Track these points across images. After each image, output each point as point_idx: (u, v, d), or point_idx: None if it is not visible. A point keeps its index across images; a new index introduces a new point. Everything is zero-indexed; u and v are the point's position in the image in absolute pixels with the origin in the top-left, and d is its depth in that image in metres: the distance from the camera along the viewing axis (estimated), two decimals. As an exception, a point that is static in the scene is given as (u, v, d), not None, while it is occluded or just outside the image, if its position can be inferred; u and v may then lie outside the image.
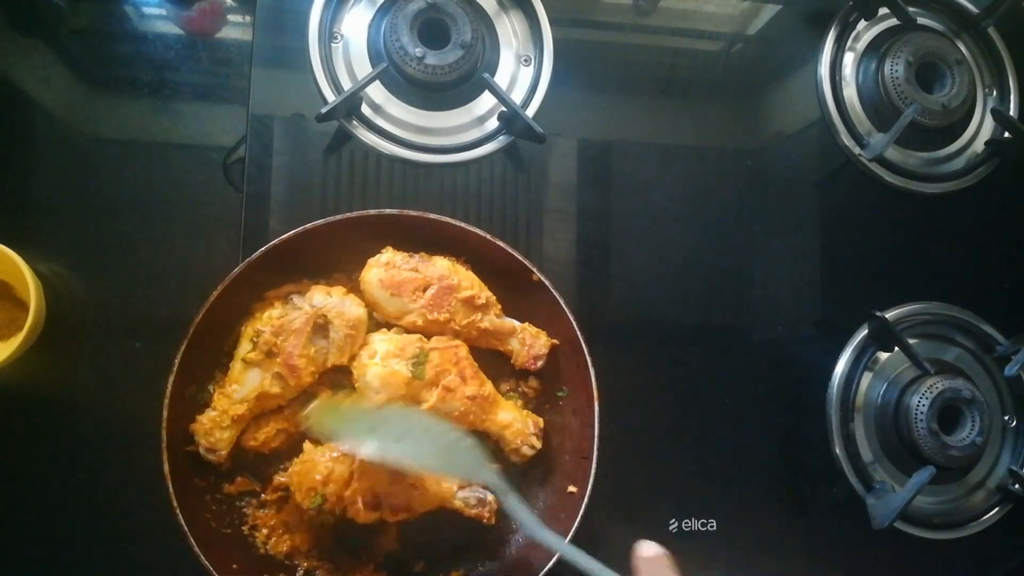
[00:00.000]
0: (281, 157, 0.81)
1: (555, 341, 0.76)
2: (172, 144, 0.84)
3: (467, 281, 0.74)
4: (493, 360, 0.78)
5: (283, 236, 0.70)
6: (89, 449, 0.78)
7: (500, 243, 0.74)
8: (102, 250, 0.81)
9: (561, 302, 0.74)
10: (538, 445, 0.74)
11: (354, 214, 0.73)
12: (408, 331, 0.73)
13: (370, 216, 0.73)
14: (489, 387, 0.73)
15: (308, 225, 0.71)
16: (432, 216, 0.73)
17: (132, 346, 0.80)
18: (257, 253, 0.70)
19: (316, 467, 0.67)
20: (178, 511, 0.65)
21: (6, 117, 0.82)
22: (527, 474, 0.77)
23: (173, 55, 0.86)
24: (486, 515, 0.71)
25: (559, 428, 0.77)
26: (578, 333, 0.73)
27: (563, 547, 0.59)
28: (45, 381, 0.79)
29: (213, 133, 0.85)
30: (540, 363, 0.76)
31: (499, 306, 0.76)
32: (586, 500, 0.69)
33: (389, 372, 0.69)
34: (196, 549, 0.64)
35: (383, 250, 0.74)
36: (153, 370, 0.79)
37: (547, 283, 0.74)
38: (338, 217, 0.72)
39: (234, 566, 0.68)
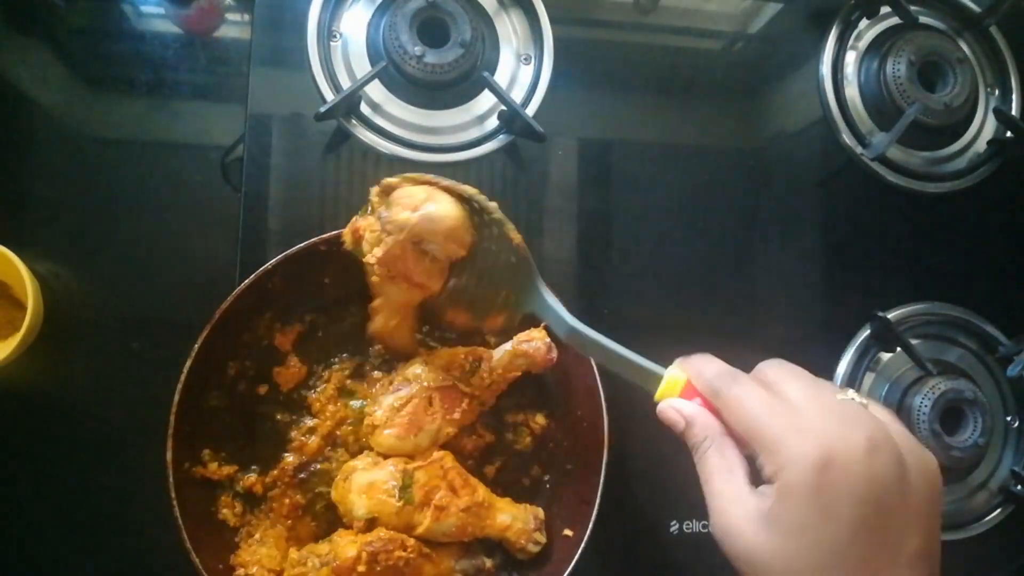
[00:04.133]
0: (279, 156, 0.81)
1: (544, 324, 0.72)
2: (170, 143, 0.84)
3: (445, 361, 0.72)
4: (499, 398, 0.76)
5: (303, 244, 0.70)
6: (86, 449, 0.78)
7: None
8: (99, 250, 0.81)
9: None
10: (542, 540, 0.71)
11: None
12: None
13: None
14: (482, 491, 0.69)
15: (333, 233, 0.70)
16: None
17: (130, 346, 0.80)
18: (286, 254, 0.69)
19: None
20: (175, 504, 0.64)
21: (3, 116, 0.82)
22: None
23: (171, 54, 0.85)
24: None
25: (561, 470, 0.76)
26: (598, 379, 0.70)
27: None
28: (42, 382, 0.78)
29: (211, 132, 0.84)
30: (554, 353, 0.72)
31: (485, 348, 0.74)
32: (582, 546, 0.67)
33: (376, 503, 0.66)
34: (188, 545, 0.64)
35: (369, 410, 0.71)
36: (151, 370, 0.79)
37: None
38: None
39: (220, 567, 0.67)
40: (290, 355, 0.74)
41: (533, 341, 0.72)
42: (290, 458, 0.72)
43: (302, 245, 0.69)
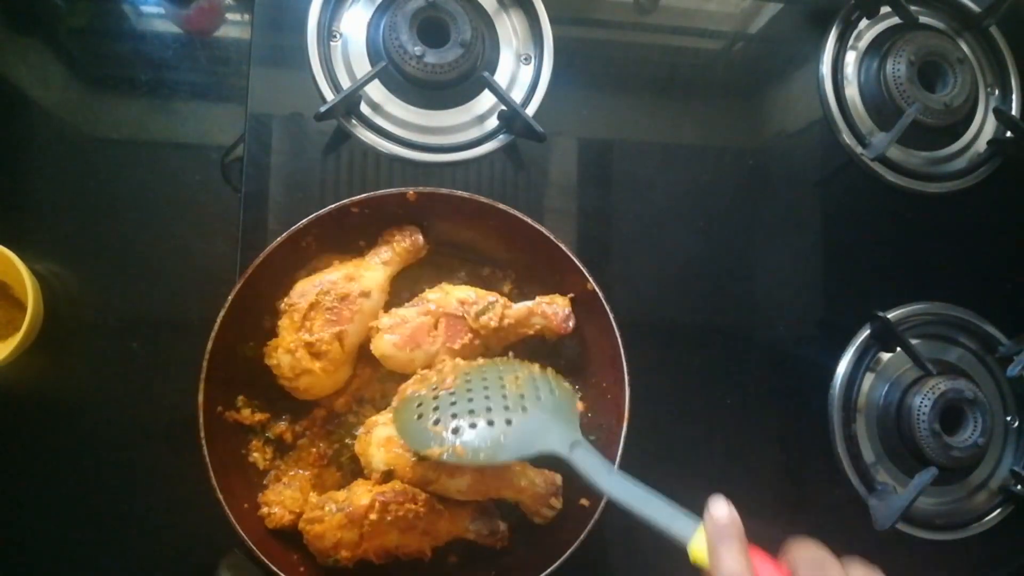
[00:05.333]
0: (279, 156, 0.81)
1: (571, 295, 0.75)
2: (170, 143, 0.84)
3: (464, 295, 0.73)
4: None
5: (334, 205, 0.71)
6: (87, 449, 0.78)
7: (562, 246, 0.73)
8: (100, 250, 0.81)
9: (611, 316, 0.72)
10: (558, 506, 0.72)
11: (401, 190, 0.73)
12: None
13: (423, 193, 0.73)
14: None
15: (364, 196, 0.72)
16: (501, 206, 0.73)
17: (130, 346, 0.80)
18: (317, 214, 0.71)
19: (325, 536, 0.67)
20: (204, 443, 0.66)
21: (4, 116, 0.82)
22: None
23: (171, 54, 0.85)
24: (498, 544, 0.71)
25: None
26: (621, 350, 0.72)
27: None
28: (43, 381, 0.78)
29: (211, 132, 0.84)
30: (571, 323, 0.74)
31: (505, 298, 0.75)
32: (596, 516, 0.68)
33: (393, 456, 0.68)
34: (214, 483, 0.66)
35: (378, 317, 0.73)
36: (151, 370, 0.79)
37: (600, 294, 0.73)
38: (382, 192, 0.72)
39: (246, 506, 0.69)
40: None
41: (554, 305, 0.74)
42: (320, 410, 0.74)
43: (333, 206, 0.71)
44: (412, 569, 0.73)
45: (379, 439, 0.69)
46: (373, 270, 0.73)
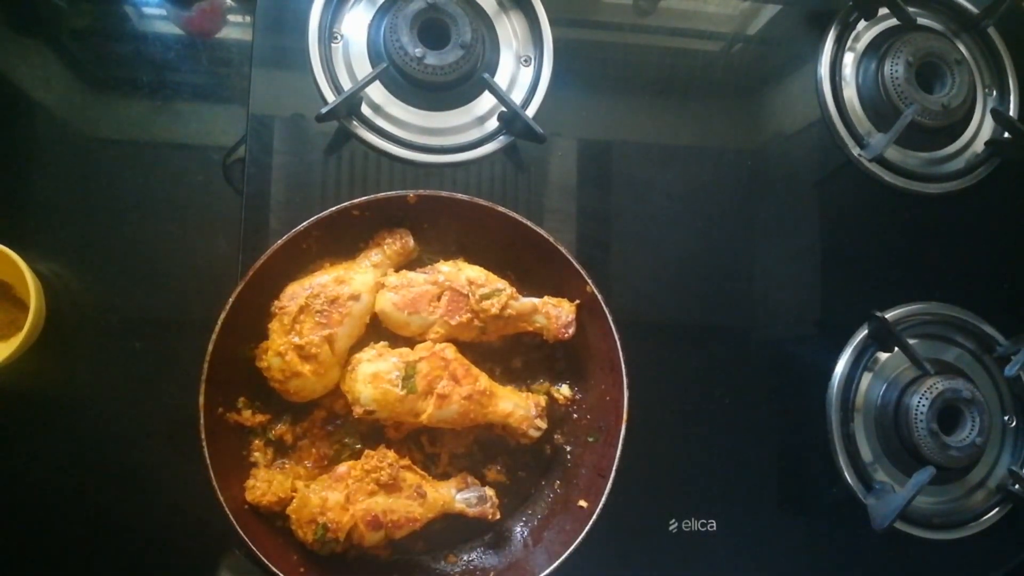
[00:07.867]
0: (281, 157, 0.81)
1: (577, 302, 0.76)
2: (172, 144, 0.84)
3: (475, 275, 0.74)
4: (527, 364, 0.80)
5: (336, 207, 0.72)
6: (88, 448, 0.78)
7: (562, 249, 0.74)
8: (102, 250, 0.81)
9: (610, 320, 0.73)
10: (543, 426, 0.73)
11: (422, 192, 0.73)
12: (435, 343, 0.73)
13: (424, 196, 0.74)
14: (484, 380, 0.72)
15: (365, 198, 0.72)
16: (501, 210, 0.74)
17: (132, 346, 0.80)
18: (318, 216, 0.71)
19: (310, 500, 0.68)
20: (204, 444, 0.67)
21: (6, 117, 0.82)
22: (539, 481, 0.78)
23: (173, 55, 0.86)
24: (489, 512, 0.72)
25: (582, 443, 0.77)
26: (620, 353, 0.73)
27: None
28: (45, 381, 0.79)
29: (213, 133, 0.85)
30: (571, 330, 0.75)
31: (514, 288, 0.75)
32: (594, 518, 0.69)
33: (381, 393, 0.69)
34: (215, 484, 0.66)
35: (387, 275, 0.74)
36: (153, 370, 0.79)
37: (599, 298, 0.74)
38: (393, 193, 0.73)
39: (245, 507, 0.69)
40: None
41: (560, 308, 0.76)
42: (320, 411, 0.75)
43: (334, 208, 0.71)
44: (414, 568, 0.73)
45: (365, 375, 0.69)
46: (363, 273, 0.73)
